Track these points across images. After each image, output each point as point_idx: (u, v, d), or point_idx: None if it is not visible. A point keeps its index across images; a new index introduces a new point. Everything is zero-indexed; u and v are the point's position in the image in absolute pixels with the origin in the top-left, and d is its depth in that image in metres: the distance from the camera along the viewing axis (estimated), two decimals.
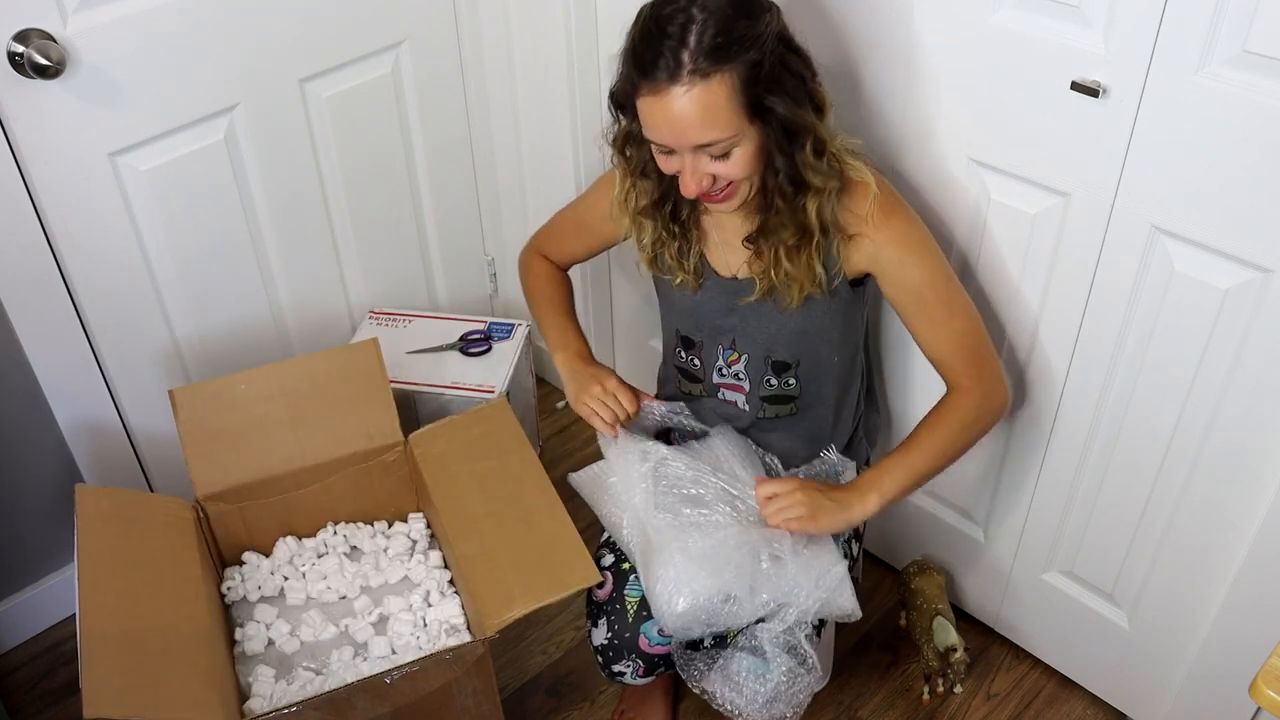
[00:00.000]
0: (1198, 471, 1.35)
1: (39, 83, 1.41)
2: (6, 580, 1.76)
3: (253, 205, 1.73)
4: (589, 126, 1.85)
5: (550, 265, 1.59)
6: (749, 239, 1.31)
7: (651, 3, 1.18)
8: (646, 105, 1.17)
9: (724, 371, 1.44)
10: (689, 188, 1.21)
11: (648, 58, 1.15)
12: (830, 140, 1.24)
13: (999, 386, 1.36)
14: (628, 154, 1.31)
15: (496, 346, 1.92)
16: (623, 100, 1.24)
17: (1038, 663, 1.74)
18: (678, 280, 1.39)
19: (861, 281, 1.36)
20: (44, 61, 1.38)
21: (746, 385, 1.43)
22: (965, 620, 1.79)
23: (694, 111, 1.14)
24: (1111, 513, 1.48)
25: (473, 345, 1.92)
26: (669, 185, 1.31)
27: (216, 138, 1.64)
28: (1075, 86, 1.21)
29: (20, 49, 1.38)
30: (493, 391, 1.83)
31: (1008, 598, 1.71)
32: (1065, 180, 1.30)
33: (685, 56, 1.13)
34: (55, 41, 1.40)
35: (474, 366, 1.88)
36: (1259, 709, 1.40)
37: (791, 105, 1.18)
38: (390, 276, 2.00)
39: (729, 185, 1.23)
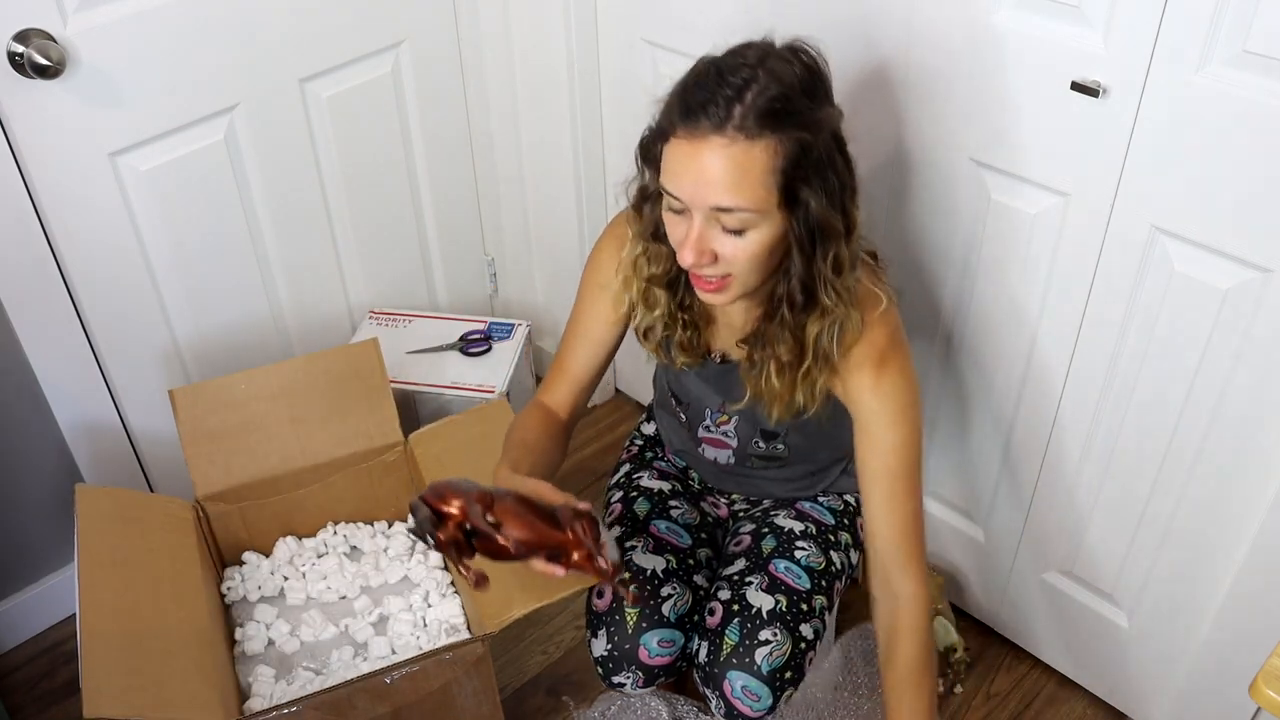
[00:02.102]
0: (1198, 471, 1.35)
1: (39, 83, 1.41)
2: (6, 580, 1.76)
3: (252, 205, 1.73)
4: (589, 126, 1.85)
5: (541, 414, 1.38)
6: (744, 340, 1.26)
7: (718, 53, 1.11)
8: (676, 149, 1.08)
9: (711, 429, 1.40)
10: (686, 255, 1.10)
11: (696, 100, 1.06)
12: (850, 268, 1.16)
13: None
14: (643, 213, 1.23)
15: (496, 346, 1.92)
16: (651, 145, 1.15)
17: (1038, 663, 1.74)
18: (679, 363, 1.33)
19: None
20: (44, 61, 1.38)
21: (734, 443, 1.40)
22: (965, 620, 1.79)
23: (725, 169, 1.05)
24: (1111, 513, 1.48)
25: (473, 345, 1.92)
26: (678, 270, 1.25)
27: (216, 138, 1.64)
28: (1075, 86, 1.21)
29: (20, 49, 1.38)
30: (493, 391, 1.83)
31: (1008, 598, 1.71)
32: (1065, 180, 1.30)
33: (737, 110, 1.05)
34: (55, 41, 1.41)
35: (474, 366, 1.89)
36: (1259, 709, 1.40)
37: (826, 204, 1.10)
38: (390, 276, 2.00)
39: (726, 276, 1.13)
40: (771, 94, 1.05)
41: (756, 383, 1.25)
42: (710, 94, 1.06)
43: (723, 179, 1.06)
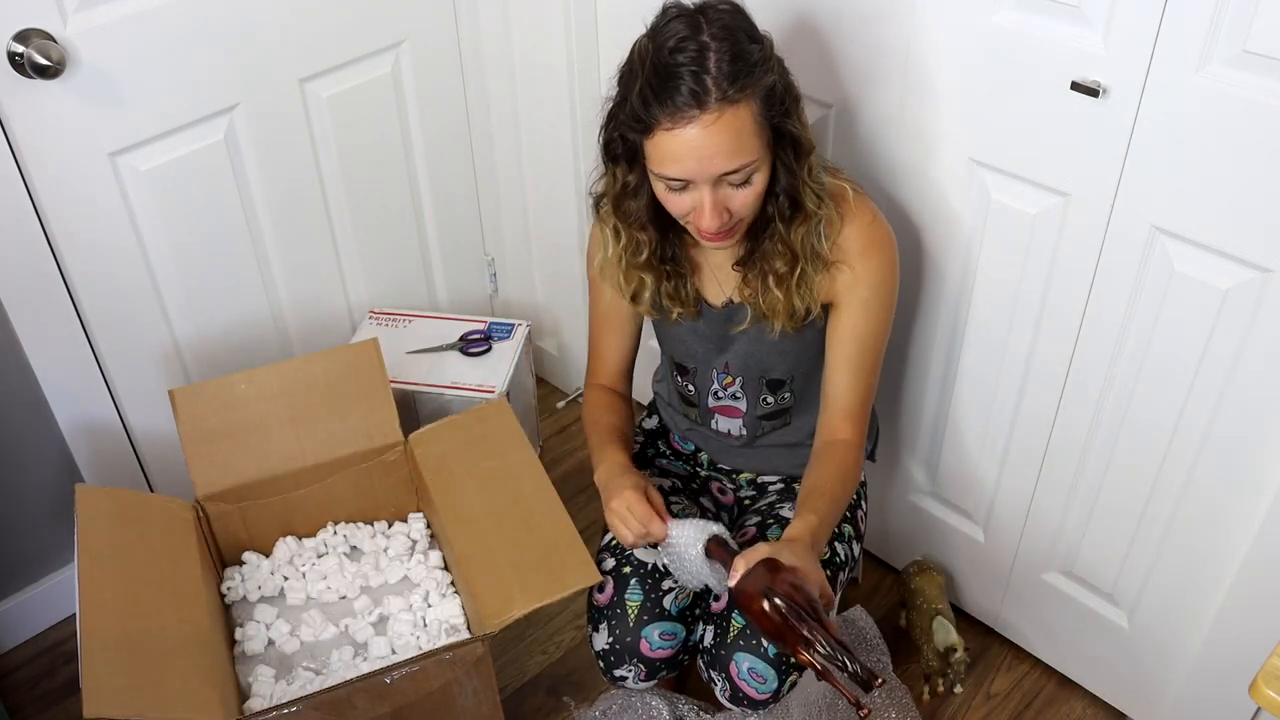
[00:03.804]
0: (1198, 471, 1.35)
1: (39, 83, 1.41)
2: (6, 580, 1.76)
3: (252, 205, 1.73)
4: (589, 126, 1.85)
5: (603, 394, 1.49)
6: (739, 262, 1.31)
7: (651, 40, 1.16)
8: (667, 139, 1.13)
9: (720, 395, 1.44)
10: (710, 222, 1.18)
11: (668, 89, 1.11)
12: (819, 168, 1.25)
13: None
14: (624, 208, 1.28)
15: (496, 346, 1.92)
16: (623, 143, 1.21)
17: (1038, 663, 1.74)
18: (675, 315, 1.38)
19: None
20: (44, 61, 1.38)
21: (743, 405, 1.43)
22: (965, 620, 1.79)
23: (724, 139, 1.12)
24: (1111, 513, 1.48)
25: (473, 345, 1.92)
26: (662, 231, 1.30)
27: (216, 138, 1.64)
28: (1075, 86, 1.21)
29: (20, 49, 1.38)
30: (493, 391, 1.83)
31: (1008, 598, 1.71)
32: (1065, 180, 1.30)
33: (710, 83, 1.10)
34: (55, 41, 1.40)
35: (474, 366, 1.89)
36: (1259, 709, 1.40)
37: (800, 125, 1.19)
38: (390, 276, 2.00)
39: (737, 223, 1.22)
40: (730, 54, 1.12)
41: (756, 301, 1.30)
42: (677, 79, 1.11)
43: (723, 148, 1.13)
